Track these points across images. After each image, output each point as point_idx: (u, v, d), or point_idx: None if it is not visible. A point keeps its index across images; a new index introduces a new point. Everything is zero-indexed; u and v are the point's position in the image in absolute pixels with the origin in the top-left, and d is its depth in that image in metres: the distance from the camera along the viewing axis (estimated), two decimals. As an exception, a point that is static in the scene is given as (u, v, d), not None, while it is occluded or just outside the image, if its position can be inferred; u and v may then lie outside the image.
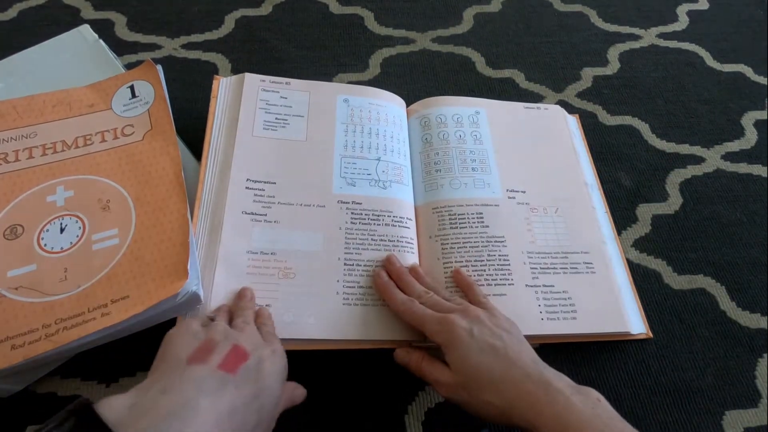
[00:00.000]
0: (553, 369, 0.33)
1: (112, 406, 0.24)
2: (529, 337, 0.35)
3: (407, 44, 0.63)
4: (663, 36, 0.66)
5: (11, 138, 0.42)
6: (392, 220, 0.43)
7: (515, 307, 0.40)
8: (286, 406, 0.32)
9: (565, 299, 0.41)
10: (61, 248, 0.37)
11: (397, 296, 0.38)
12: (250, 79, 0.48)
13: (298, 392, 0.34)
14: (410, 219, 0.45)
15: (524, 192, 0.47)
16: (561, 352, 0.41)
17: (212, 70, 0.58)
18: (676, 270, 0.47)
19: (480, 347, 0.32)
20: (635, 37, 0.66)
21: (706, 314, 0.45)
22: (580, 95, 0.59)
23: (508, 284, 0.41)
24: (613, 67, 0.62)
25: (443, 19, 0.66)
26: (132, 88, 0.46)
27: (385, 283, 0.39)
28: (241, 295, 0.38)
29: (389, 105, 0.51)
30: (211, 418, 0.24)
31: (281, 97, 0.48)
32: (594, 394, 0.31)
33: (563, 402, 0.29)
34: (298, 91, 0.49)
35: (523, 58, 0.62)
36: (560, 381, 0.31)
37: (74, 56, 0.49)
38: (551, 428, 0.29)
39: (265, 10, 0.64)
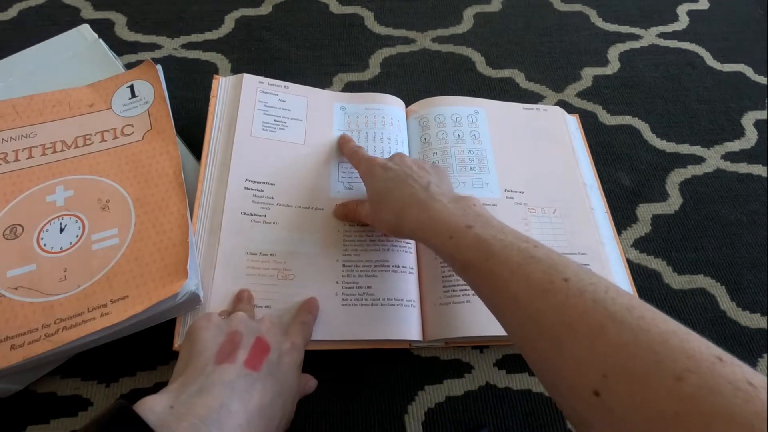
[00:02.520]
0: (456, 193, 0.36)
1: (153, 409, 0.24)
2: None
3: (407, 44, 0.63)
4: (663, 36, 0.66)
5: (11, 138, 0.42)
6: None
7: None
8: (300, 396, 0.33)
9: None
10: (61, 248, 0.37)
11: (352, 143, 0.46)
12: (248, 80, 0.48)
13: (311, 383, 0.36)
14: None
15: (522, 192, 0.47)
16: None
17: (212, 70, 0.58)
18: (676, 270, 0.47)
19: (387, 176, 0.37)
20: (635, 37, 0.66)
21: (706, 314, 0.45)
22: (580, 95, 0.59)
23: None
24: (613, 66, 0.62)
25: (443, 18, 0.66)
26: (132, 87, 0.46)
27: (348, 138, 0.47)
28: (239, 297, 0.38)
29: (387, 108, 0.51)
30: (243, 419, 0.26)
31: (280, 100, 0.48)
32: (471, 200, 0.34)
33: (439, 207, 0.33)
34: (296, 95, 0.49)
35: (523, 58, 0.62)
36: (443, 195, 0.34)
37: (74, 56, 0.49)
38: (427, 230, 0.33)
39: (265, 10, 0.64)
